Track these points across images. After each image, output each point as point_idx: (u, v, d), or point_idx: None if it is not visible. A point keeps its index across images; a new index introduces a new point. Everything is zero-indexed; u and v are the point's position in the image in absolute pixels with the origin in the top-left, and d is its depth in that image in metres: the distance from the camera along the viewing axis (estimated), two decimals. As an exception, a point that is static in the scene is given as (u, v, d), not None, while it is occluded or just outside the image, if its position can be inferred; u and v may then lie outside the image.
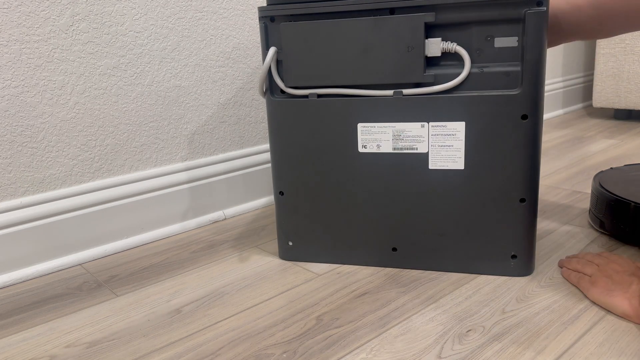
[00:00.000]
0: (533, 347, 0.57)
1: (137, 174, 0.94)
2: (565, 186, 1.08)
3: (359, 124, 0.72)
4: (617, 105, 1.69)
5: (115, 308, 0.71)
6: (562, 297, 0.67)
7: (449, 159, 0.70)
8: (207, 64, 0.99)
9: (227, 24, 1.01)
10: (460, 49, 0.66)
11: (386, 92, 0.70)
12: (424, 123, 0.70)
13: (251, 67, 1.06)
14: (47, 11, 0.79)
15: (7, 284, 0.80)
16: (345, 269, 0.78)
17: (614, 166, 1.13)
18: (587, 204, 0.99)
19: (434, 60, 0.69)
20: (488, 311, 0.64)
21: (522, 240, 0.71)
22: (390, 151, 0.72)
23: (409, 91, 0.69)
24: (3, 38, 0.76)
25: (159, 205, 0.96)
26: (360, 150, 0.73)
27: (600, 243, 0.82)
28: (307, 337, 0.61)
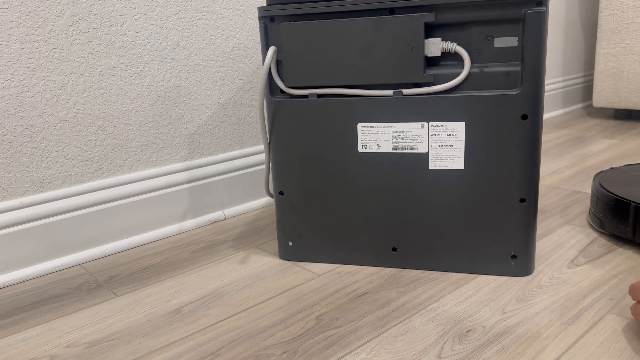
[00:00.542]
0: (533, 347, 0.57)
1: (137, 174, 0.94)
2: (565, 186, 1.08)
3: (358, 124, 0.72)
4: (617, 105, 1.69)
5: (115, 308, 0.71)
6: (562, 297, 0.67)
7: (449, 159, 0.70)
8: (207, 63, 0.99)
9: (227, 24, 1.01)
10: (460, 49, 0.66)
11: (386, 92, 0.70)
12: (424, 123, 0.70)
13: (251, 67, 1.06)
14: (47, 11, 0.79)
15: (7, 284, 0.80)
16: (345, 269, 0.78)
17: (614, 166, 1.13)
18: (587, 204, 0.99)
19: (434, 60, 0.69)
20: (488, 311, 0.64)
21: (522, 240, 0.71)
22: (390, 151, 0.72)
23: (408, 91, 0.69)
24: (3, 38, 0.76)
25: (158, 205, 0.96)
26: (360, 150, 0.73)
27: (600, 243, 0.82)
28: (307, 337, 0.61)
